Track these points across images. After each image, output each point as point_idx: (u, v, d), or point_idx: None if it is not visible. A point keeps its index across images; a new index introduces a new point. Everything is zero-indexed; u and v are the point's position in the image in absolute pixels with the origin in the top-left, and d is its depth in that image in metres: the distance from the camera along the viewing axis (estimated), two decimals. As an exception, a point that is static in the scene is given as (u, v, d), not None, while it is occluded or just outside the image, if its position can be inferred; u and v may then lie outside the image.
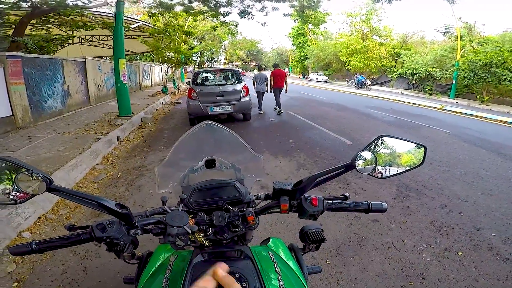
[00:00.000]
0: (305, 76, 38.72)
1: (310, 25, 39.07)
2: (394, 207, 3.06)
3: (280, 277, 0.67)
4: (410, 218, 2.84)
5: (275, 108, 8.92)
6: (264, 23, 32.40)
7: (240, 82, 7.52)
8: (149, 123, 7.56)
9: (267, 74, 8.97)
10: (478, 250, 2.36)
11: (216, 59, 49.18)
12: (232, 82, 7.66)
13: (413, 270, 2.10)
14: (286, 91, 8.96)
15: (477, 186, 3.66)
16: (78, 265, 2.18)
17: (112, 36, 7.85)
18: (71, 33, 9.84)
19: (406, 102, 14.15)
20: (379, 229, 2.64)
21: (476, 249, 2.37)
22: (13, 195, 0.64)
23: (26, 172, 0.61)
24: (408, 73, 21.48)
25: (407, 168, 0.80)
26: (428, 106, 12.69)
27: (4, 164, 0.62)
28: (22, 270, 2.11)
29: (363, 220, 2.76)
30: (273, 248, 0.84)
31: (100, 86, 10.48)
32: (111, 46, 8.32)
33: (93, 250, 2.32)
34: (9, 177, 0.63)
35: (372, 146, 0.76)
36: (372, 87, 22.45)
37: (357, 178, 3.75)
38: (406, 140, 0.78)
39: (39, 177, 0.61)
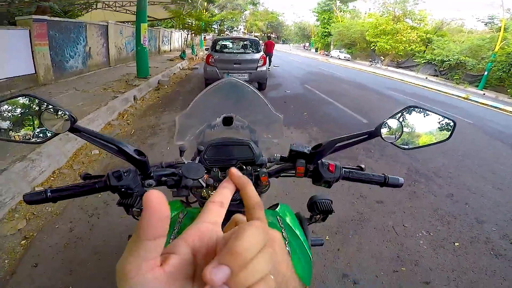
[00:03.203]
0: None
1: (338, 1, 37.08)
2: (401, 191, 3.02)
3: (286, 242, 0.67)
4: (415, 204, 2.83)
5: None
6: (289, -5, 30.90)
7: (258, 51, 7.41)
8: (166, 86, 7.63)
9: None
10: (475, 243, 2.35)
11: (236, 28, 47.86)
12: (250, 51, 7.56)
13: (408, 256, 2.12)
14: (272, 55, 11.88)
15: (489, 179, 3.57)
16: (85, 223, 2.21)
17: (135, 2, 7.79)
18: (95, -2, 9.87)
19: (430, 88, 13.58)
20: (383, 211, 2.65)
21: (472, 242, 2.36)
22: (36, 134, 0.63)
23: (51, 110, 0.60)
24: (438, 60, 20.46)
25: (432, 142, 0.76)
26: (452, 95, 12.16)
27: (29, 101, 0.62)
28: (31, 227, 2.11)
29: (368, 200, 2.77)
30: (280, 214, 0.83)
31: (121, 49, 10.62)
32: (133, 12, 8.29)
33: (101, 208, 2.36)
34: (34, 114, 0.62)
35: (400, 115, 0.72)
36: (397, 70, 21.51)
37: (368, 157, 3.73)
38: (436, 113, 0.74)
39: (64, 115, 0.60)
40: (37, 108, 0.61)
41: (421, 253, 2.16)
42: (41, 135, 0.63)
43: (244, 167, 0.78)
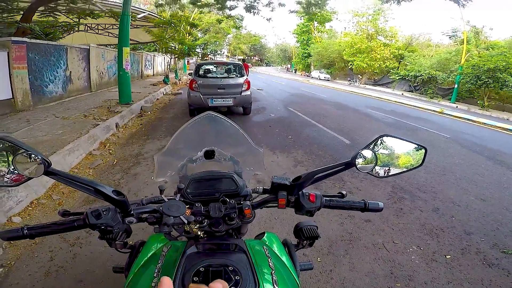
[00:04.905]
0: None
1: (315, 22, 38.77)
2: (388, 208, 3.08)
3: (273, 272, 0.67)
4: (402, 220, 2.86)
5: None
6: (270, 18, 32.05)
7: (242, 75, 7.49)
8: (149, 112, 7.55)
9: None
10: (466, 254, 2.39)
11: (219, 52, 48.87)
12: (234, 76, 7.63)
13: (401, 272, 2.12)
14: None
15: (471, 191, 3.69)
16: (67, 252, 2.14)
17: (117, 25, 7.88)
18: (77, 20, 9.92)
19: (407, 104, 14.15)
20: (371, 229, 2.66)
21: (464, 253, 2.40)
22: (9, 177, 0.62)
23: (24, 153, 0.59)
24: (411, 75, 21.43)
25: (406, 169, 0.79)
26: (428, 109, 12.69)
27: (1, 144, 0.60)
28: (9, 256, 2.04)
29: (356, 219, 2.78)
30: (267, 242, 0.84)
31: (102, 73, 10.51)
32: (116, 35, 8.36)
33: (84, 237, 2.28)
34: (6, 158, 0.60)
35: (373, 145, 0.75)
36: (374, 87, 22.39)
37: (353, 177, 3.77)
38: (407, 141, 0.77)
39: (37, 159, 0.59)
40: (9, 152, 0.61)
41: (414, 268, 2.17)
42: (14, 178, 0.62)
43: (228, 200, 0.78)
